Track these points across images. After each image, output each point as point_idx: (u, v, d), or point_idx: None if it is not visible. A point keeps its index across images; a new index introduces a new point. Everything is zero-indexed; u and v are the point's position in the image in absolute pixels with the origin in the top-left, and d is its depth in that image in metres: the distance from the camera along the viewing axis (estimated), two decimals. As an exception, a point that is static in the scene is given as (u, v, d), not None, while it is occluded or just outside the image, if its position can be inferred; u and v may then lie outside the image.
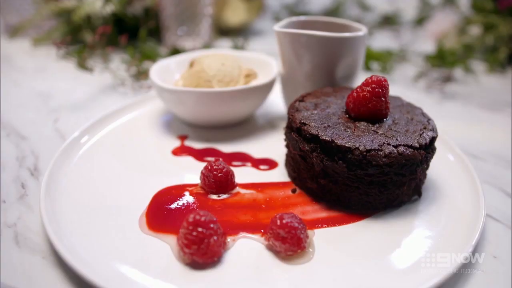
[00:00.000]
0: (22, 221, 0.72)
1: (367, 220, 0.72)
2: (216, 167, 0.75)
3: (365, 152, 0.68)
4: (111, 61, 1.40)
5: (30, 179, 0.84)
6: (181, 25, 1.57)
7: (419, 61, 1.59)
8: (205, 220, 0.60)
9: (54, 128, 1.05)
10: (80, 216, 0.71)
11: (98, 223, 0.70)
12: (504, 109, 1.24)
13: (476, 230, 0.66)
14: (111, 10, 1.57)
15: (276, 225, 0.62)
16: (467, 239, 0.65)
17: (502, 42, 1.50)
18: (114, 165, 0.86)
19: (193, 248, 0.59)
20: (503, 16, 1.51)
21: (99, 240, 0.66)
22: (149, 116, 1.06)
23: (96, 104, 1.21)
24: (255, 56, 1.11)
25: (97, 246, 0.65)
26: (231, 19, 1.86)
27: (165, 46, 1.62)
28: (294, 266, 0.62)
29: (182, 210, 0.72)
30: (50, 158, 0.87)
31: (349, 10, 2.33)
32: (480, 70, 1.50)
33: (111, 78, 1.34)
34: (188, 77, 0.98)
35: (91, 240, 0.66)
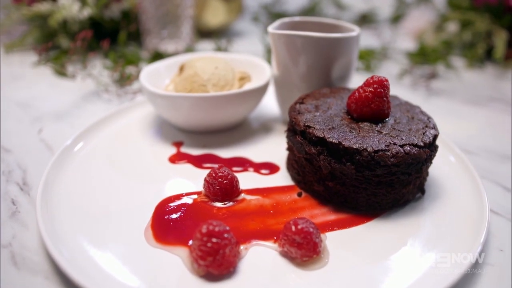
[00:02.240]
0: (18, 240, 0.68)
1: (375, 221, 0.72)
2: (221, 174, 0.74)
3: (373, 153, 0.67)
4: (92, 67, 1.35)
5: (20, 194, 0.80)
6: (163, 28, 1.53)
7: (400, 58, 1.61)
8: (219, 230, 0.59)
9: (39, 139, 1.00)
10: (81, 231, 0.67)
11: (102, 238, 0.67)
12: (488, 104, 1.27)
13: (483, 226, 0.67)
14: (88, 14, 1.51)
15: (291, 231, 0.61)
16: (475, 237, 0.66)
17: (479, 38, 1.54)
18: (111, 176, 0.83)
19: (208, 259, 0.58)
20: (480, 13, 1.56)
21: (105, 256, 0.63)
22: (139, 122, 1.03)
23: (80, 111, 1.16)
24: (245, 58, 1.09)
25: (103, 262, 0.62)
26: (211, 21, 1.83)
27: (146, 50, 1.58)
28: (310, 272, 0.61)
29: (190, 220, 0.70)
30: (40, 171, 0.83)
31: (326, 9, 2.34)
32: (459, 66, 1.54)
33: (94, 84, 1.30)
34: (181, 82, 0.95)
35: (96, 256, 0.63)
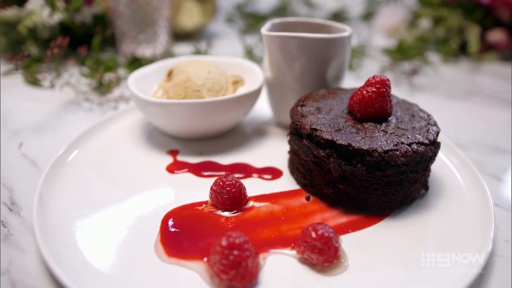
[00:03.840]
0: (16, 265, 0.64)
1: (386, 220, 0.72)
2: (229, 182, 0.71)
3: (383, 154, 0.67)
4: (69, 75, 1.29)
5: (10, 215, 0.74)
6: (139, 32, 1.48)
7: (378, 55, 1.64)
8: (239, 242, 0.57)
9: (21, 154, 0.94)
10: (86, 253, 0.63)
11: (110, 258, 0.63)
12: (468, 97, 1.31)
13: (490, 222, 0.69)
14: (59, 19, 1.44)
15: (311, 238, 0.60)
16: (486, 232, 0.67)
17: (452, 34, 1.59)
18: (108, 190, 0.78)
19: (231, 273, 0.55)
20: (451, 9, 1.61)
21: (116, 276, 0.60)
22: (129, 132, 0.99)
23: (61, 122, 1.10)
24: (235, 61, 1.07)
25: (115, 283, 0.59)
26: (186, 23, 1.79)
27: (122, 55, 1.52)
28: (333, 277, 0.60)
29: (201, 233, 0.67)
30: (28, 189, 0.79)
31: (297, 9, 2.35)
32: (435, 61, 1.58)
33: (72, 93, 1.24)
34: (173, 88, 0.92)
35: (107, 277, 0.59)
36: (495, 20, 1.57)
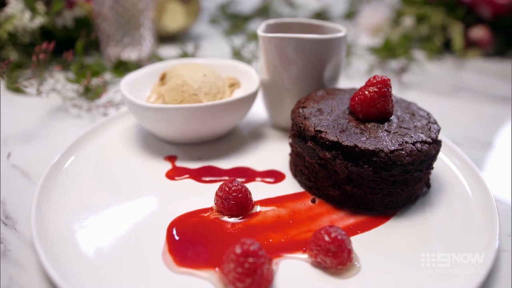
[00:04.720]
0: (16, 283, 0.61)
1: (393, 220, 0.72)
2: (234, 187, 0.70)
3: (389, 154, 0.67)
4: (54, 80, 1.25)
5: (6, 230, 0.71)
6: (124, 35, 1.45)
7: (364, 54, 1.65)
8: (254, 249, 0.56)
9: (10, 165, 0.90)
10: (93, 265, 0.61)
11: (118, 270, 0.61)
12: (456, 94, 1.34)
13: (494, 219, 0.70)
14: (40, 23, 1.40)
15: (324, 241, 0.59)
16: (491, 229, 0.68)
17: (436, 31, 1.61)
18: (109, 200, 0.76)
19: (247, 281, 0.54)
20: (434, 7, 1.63)
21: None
22: (123, 138, 0.96)
23: (49, 130, 1.06)
24: (227, 63, 1.05)
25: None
26: (170, 25, 1.76)
27: (107, 59, 1.49)
28: (347, 280, 0.60)
29: (210, 240, 0.66)
30: (21, 201, 0.76)
31: (279, 9, 2.35)
32: (420, 59, 1.60)
33: (59, 100, 1.20)
34: (169, 92, 0.90)
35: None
36: (477, 18, 1.60)
